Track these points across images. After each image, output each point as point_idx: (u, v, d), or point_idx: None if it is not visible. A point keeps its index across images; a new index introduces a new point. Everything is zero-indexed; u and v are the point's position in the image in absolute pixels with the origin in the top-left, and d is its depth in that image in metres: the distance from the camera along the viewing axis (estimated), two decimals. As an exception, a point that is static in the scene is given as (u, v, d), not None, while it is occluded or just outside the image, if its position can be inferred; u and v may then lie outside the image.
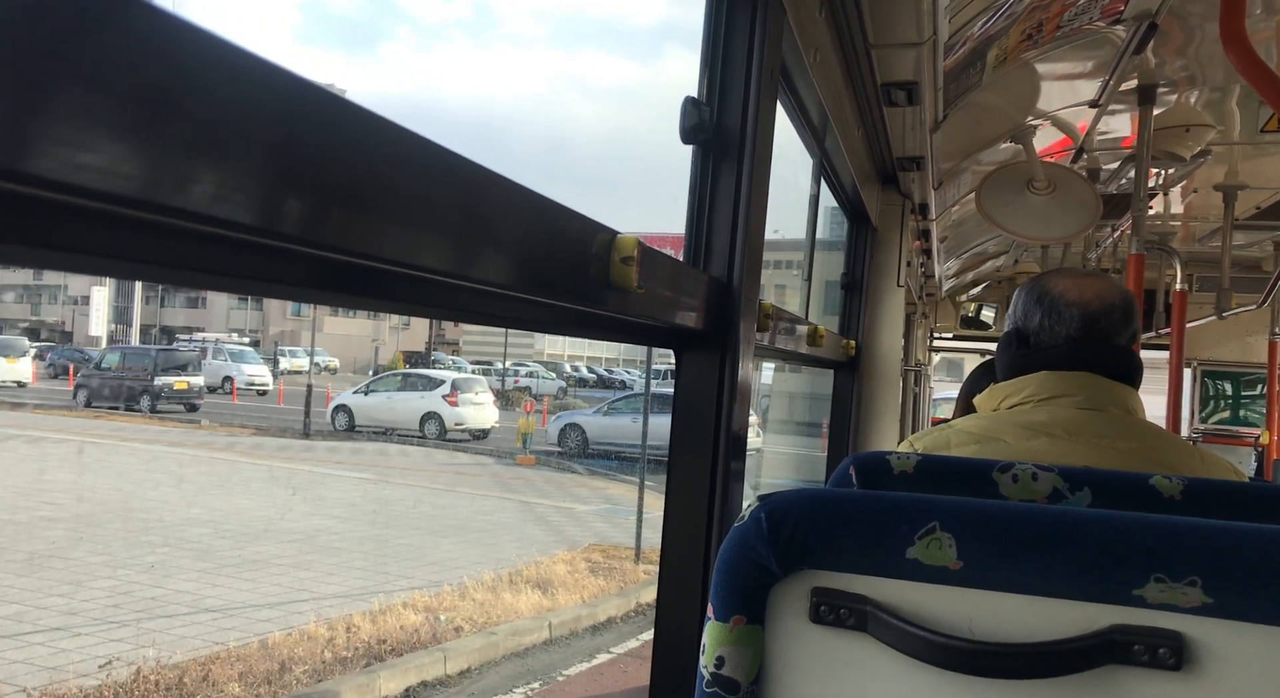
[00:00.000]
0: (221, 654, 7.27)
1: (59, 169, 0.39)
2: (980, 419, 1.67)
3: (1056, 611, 0.85)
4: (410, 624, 8.22)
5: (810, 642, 0.90)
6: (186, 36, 0.44)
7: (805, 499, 0.91)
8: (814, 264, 3.02)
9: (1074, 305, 1.66)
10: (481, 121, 70.89)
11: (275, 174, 0.52)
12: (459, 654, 7.76)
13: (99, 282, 48.89)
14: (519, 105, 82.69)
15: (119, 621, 7.95)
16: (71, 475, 14.97)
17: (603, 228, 0.97)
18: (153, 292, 58.42)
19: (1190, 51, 2.80)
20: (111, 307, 50.81)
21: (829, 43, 1.92)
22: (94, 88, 0.40)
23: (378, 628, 8.08)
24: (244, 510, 13.00)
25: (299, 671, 7.11)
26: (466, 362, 46.08)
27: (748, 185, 1.39)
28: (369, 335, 55.74)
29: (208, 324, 59.73)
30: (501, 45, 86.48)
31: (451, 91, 78.36)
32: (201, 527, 11.76)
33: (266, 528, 11.91)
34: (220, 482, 15.41)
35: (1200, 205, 4.93)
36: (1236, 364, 9.29)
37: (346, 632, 7.93)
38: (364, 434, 23.60)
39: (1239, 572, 0.80)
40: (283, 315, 56.06)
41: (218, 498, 13.84)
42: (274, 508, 13.36)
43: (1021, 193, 3.61)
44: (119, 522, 11.72)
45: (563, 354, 53.91)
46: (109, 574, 9.29)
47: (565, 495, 16.07)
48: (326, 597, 9.08)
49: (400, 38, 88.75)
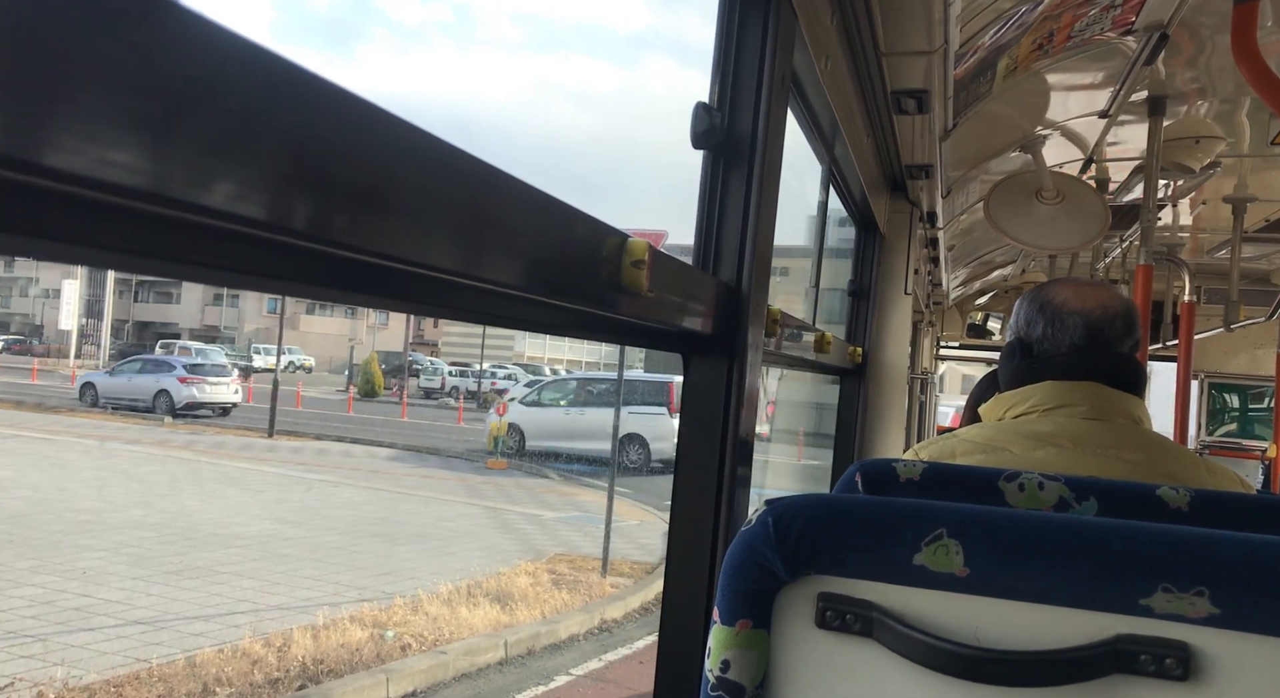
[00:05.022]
0: (141, 673, 6.63)
1: (78, 163, 0.39)
2: (985, 429, 1.67)
3: (1063, 619, 0.84)
4: (354, 641, 7.60)
5: (816, 647, 0.90)
6: (207, 33, 0.45)
7: (813, 504, 0.91)
8: (821, 271, 3.02)
9: (1077, 314, 1.65)
10: (464, 121, 70.45)
11: (291, 172, 0.52)
12: (403, 676, 7.13)
13: (70, 275, 48.19)
14: (500, 108, 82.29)
15: (35, 634, 7.34)
16: (10, 474, 14.11)
17: (614, 231, 0.97)
18: (126, 286, 57.86)
19: (1201, 63, 2.79)
20: (82, 300, 50.11)
21: (840, 50, 1.92)
22: (115, 83, 0.40)
23: (318, 645, 7.43)
24: (193, 513, 12.37)
25: (223, 694, 6.54)
26: (445, 363, 45.35)
27: (758, 191, 1.39)
28: (346, 334, 54.81)
29: (181, 320, 59.38)
30: (481, 48, 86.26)
31: (430, 92, 77.83)
32: (145, 530, 11.11)
33: (215, 532, 11.32)
34: (173, 481, 14.72)
35: (1209, 217, 4.92)
36: (1244, 377, 9.28)
37: (282, 649, 7.29)
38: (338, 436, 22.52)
39: (1247, 583, 0.80)
40: (259, 312, 55.21)
41: (169, 499, 13.19)
42: (226, 510, 12.72)
43: (1030, 202, 3.61)
44: (57, 523, 11.10)
45: (543, 357, 52.88)
46: (34, 581, 8.66)
47: (535, 502, 15.29)
48: (269, 609, 8.46)
49: (378, 38, 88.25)
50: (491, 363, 44.55)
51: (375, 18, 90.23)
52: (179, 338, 52.91)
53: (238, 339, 52.62)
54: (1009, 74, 2.61)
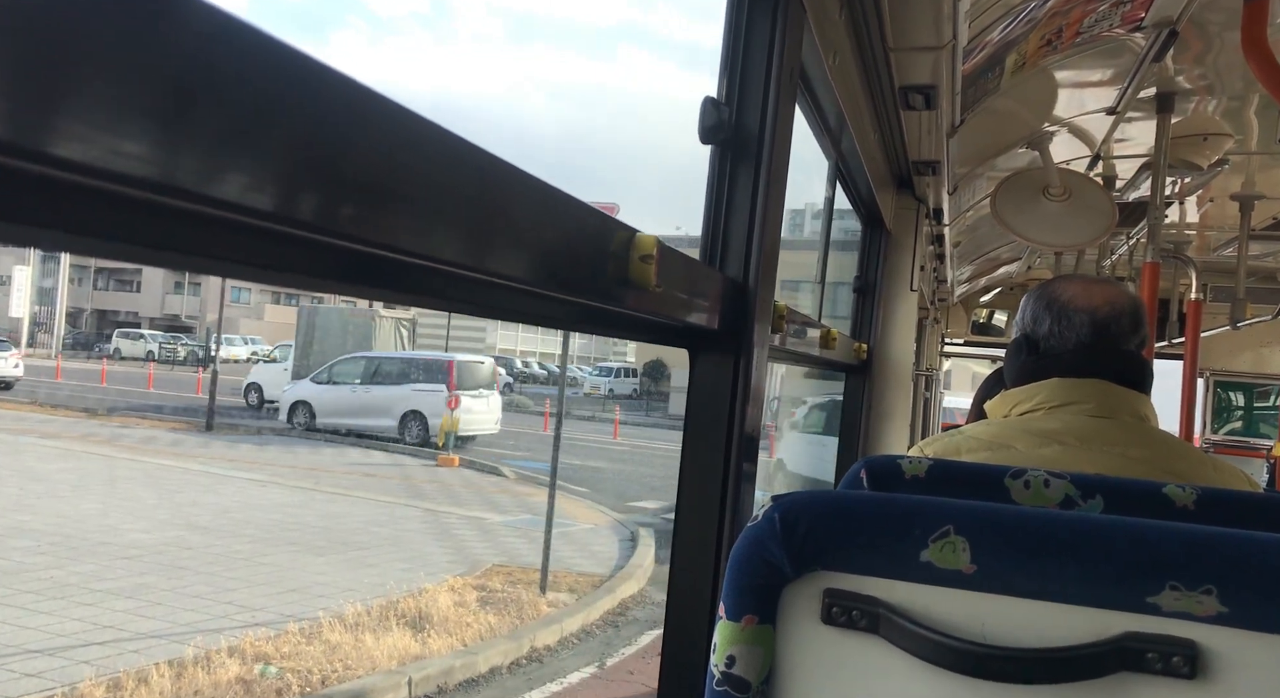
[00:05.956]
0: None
1: (86, 154, 0.39)
2: (991, 426, 1.67)
3: (1070, 616, 0.84)
4: (225, 680, 6.42)
5: (822, 643, 0.89)
6: (217, 23, 0.44)
7: (819, 500, 0.91)
8: (827, 267, 3.01)
9: (1083, 311, 1.65)
10: (447, 113, 69.84)
11: (300, 164, 0.52)
12: (263, 730, 5.93)
13: (22, 260, 46.93)
14: (477, 101, 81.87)
15: None
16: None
17: (622, 225, 0.97)
18: (85, 272, 56.70)
19: (1210, 60, 2.78)
20: (35, 287, 48.39)
21: (848, 45, 1.92)
22: (123, 72, 0.40)
23: (179, 686, 6.25)
24: (87, 518, 10.99)
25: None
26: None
27: (765, 186, 1.39)
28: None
29: (142, 308, 58.40)
30: (459, 41, 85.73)
31: (406, 84, 77.33)
32: (25, 538, 9.79)
33: (107, 540, 9.98)
34: (80, 481, 13.24)
35: (1216, 215, 4.91)
36: (1250, 375, 9.26)
37: (132, 694, 6.15)
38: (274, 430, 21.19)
39: (1256, 581, 0.80)
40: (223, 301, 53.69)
41: (66, 502, 11.79)
42: (129, 514, 11.33)
43: (1037, 199, 3.60)
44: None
45: (515, 349, 51.88)
46: None
47: (482, 503, 14.05)
48: (136, 637, 7.16)
49: (353, 26, 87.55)
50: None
51: (351, 5, 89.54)
52: (139, 327, 52.05)
53: (198, 329, 51.50)
54: (1017, 70, 2.60)
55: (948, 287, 6.02)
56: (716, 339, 1.36)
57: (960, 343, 9.76)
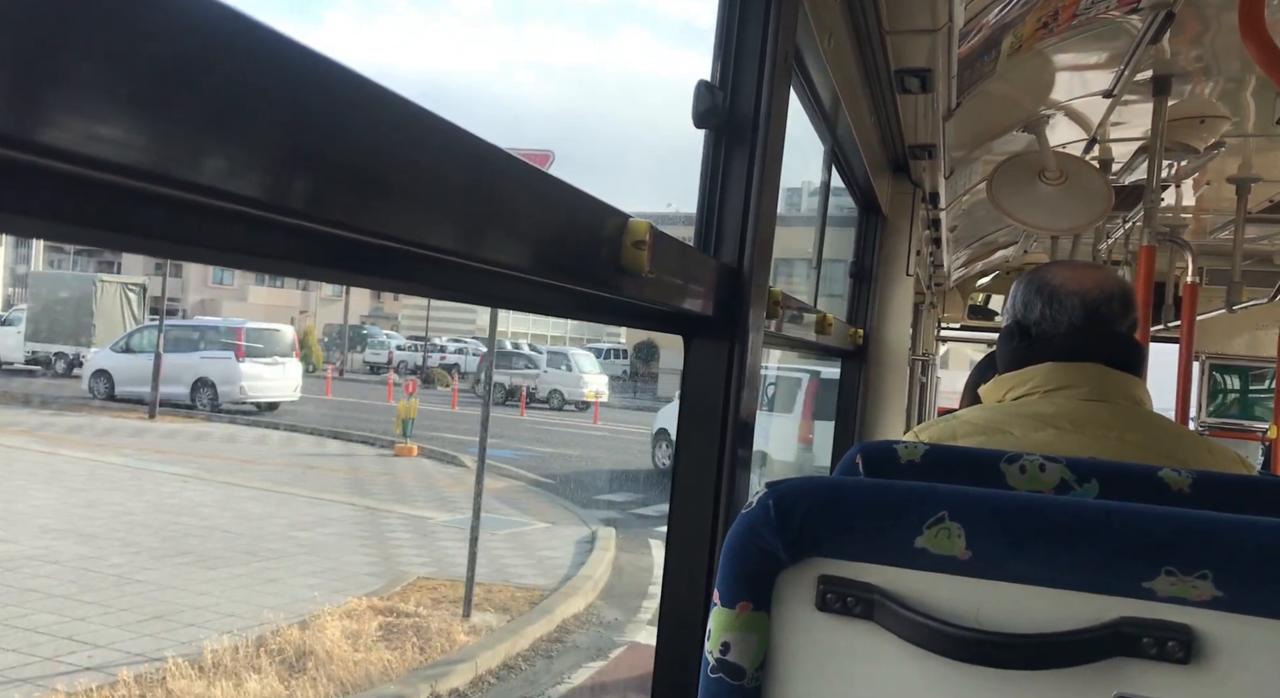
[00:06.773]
0: None
1: (70, 140, 0.39)
2: (986, 411, 1.67)
3: (1065, 602, 0.84)
4: None
5: (816, 630, 0.89)
6: (201, 6, 0.44)
7: (814, 487, 0.91)
8: (823, 251, 3.01)
9: (1074, 294, 1.65)
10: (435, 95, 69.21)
11: (290, 150, 0.51)
12: None
13: None
14: (469, 79, 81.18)
15: None
16: None
17: (615, 211, 0.97)
18: (63, 254, 55.92)
19: (1207, 42, 2.77)
20: (8, 269, 46.48)
21: (843, 28, 1.91)
22: (108, 58, 0.39)
23: None
24: None
25: None
26: (403, 337, 43.56)
27: (760, 171, 1.38)
28: (298, 307, 50.73)
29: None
30: (450, 19, 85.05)
31: (396, 62, 76.69)
32: None
33: None
34: None
35: (1213, 198, 4.90)
36: (1245, 358, 9.27)
37: None
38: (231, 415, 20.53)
39: (1251, 566, 0.80)
40: (204, 283, 51.62)
41: None
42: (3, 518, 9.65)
43: (1033, 183, 3.60)
44: None
45: (505, 331, 51.66)
46: None
47: (431, 499, 12.44)
48: None
49: (342, 5, 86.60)
50: (450, 336, 43.14)
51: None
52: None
53: (180, 311, 50.92)
54: (1013, 53, 2.59)
55: (944, 271, 6.02)
56: (711, 325, 1.36)
57: (957, 327, 9.77)
